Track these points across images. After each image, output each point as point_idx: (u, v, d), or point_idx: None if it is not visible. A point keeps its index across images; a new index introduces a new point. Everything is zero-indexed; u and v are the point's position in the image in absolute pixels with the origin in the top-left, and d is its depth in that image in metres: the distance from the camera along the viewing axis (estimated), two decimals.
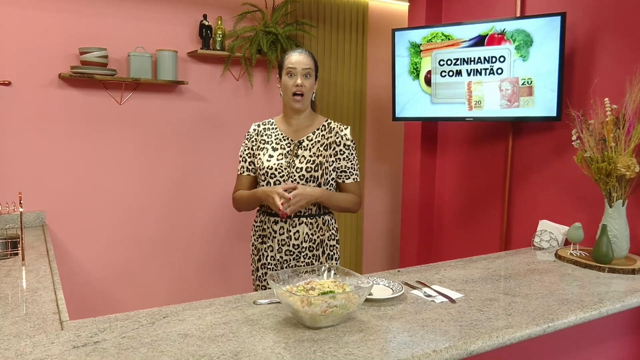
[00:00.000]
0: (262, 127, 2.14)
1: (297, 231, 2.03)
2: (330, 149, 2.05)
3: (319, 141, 2.05)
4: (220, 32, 3.11)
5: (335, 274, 1.58)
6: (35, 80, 2.73)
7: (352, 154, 2.08)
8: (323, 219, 2.08)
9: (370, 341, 1.31)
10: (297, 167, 2.01)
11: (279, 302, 1.53)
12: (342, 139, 2.06)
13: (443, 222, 3.38)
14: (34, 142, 2.75)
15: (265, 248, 2.09)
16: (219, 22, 3.12)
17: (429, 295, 1.68)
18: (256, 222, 2.15)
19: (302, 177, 2.00)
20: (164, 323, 1.40)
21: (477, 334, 1.38)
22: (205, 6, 3.13)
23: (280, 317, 1.45)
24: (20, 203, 2.07)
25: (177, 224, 3.19)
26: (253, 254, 2.16)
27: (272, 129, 2.12)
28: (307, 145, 2.05)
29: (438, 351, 1.27)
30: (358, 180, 2.11)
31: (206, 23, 3.06)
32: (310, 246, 2.05)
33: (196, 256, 3.27)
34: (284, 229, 2.04)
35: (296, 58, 2.01)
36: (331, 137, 2.06)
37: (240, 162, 2.15)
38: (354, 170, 2.09)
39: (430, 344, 1.30)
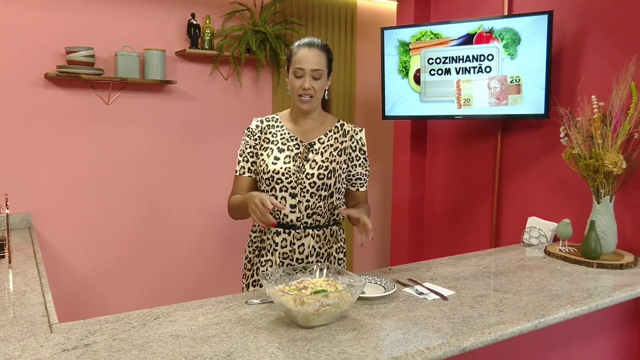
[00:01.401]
0: (265, 123, 1.88)
1: (302, 244, 1.82)
2: (344, 154, 1.85)
3: (332, 145, 1.84)
4: (208, 31, 3.09)
5: (327, 272, 1.58)
6: (20, 80, 2.69)
7: (366, 159, 1.89)
8: (331, 229, 1.88)
9: (364, 339, 1.31)
10: (308, 173, 1.79)
11: (271, 301, 1.52)
12: (357, 143, 1.87)
13: (433, 220, 3.39)
14: (19, 143, 2.71)
15: (262, 261, 1.86)
16: (207, 21, 3.10)
17: (421, 293, 1.69)
18: (254, 232, 1.92)
19: (312, 185, 1.78)
20: (155, 324, 1.39)
21: (469, 331, 1.38)
22: (193, 5, 3.11)
23: (273, 316, 1.45)
24: (6, 205, 2.04)
25: (166, 225, 3.16)
26: (246, 268, 1.93)
27: (277, 126, 1.87)
28: (319, 148, 1.83)
29: (431, 348, 1.27)
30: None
31: (194, 22, 3.04)
32: (316, 260, 1.84)
33: (186, 256, 3.25)
34: (286, 241, 1.82)
35: (305, 56, 1.75)
36: (346, 141, 1.86)
37: (239, 161, 1.88)
38: (367, 178, 1.92)
39: (423, 341, 1.31)
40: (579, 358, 2.02)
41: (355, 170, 1.88)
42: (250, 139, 1.87)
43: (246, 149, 1.87)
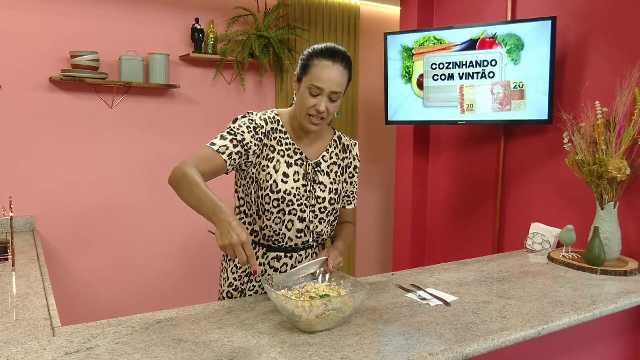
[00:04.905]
0: (269, 125, 1.60)
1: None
2: (345, 172, 1.73)
3: (335, 162, 1.69)
4: (212, 36, 3.11)
5: (330, 277, 1.57)
6: (25, 84, 2.70)
7: (357, 175, 1.77)
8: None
9: (366, 345, 1.30)
10: (319, 197, 1.62)
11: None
12: (353, 159, 1.76)
13: (436, 225, 3.39)
14: (23, 146, 2.72)
15: (250, 287, 1.69)
16: (211, 25, 3.12)
17: (424, 298, 1.68)
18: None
19: (323, 210, 1.63)
20: (157, 328, 1.39)
21: (472, 337, 1.38)
22: (197, 9, 3.12)
23: (276, 321, 1.44)
24: (10, 207, 2.04)
25: (169, 228, 3.16)
26: (226, 296, 1.72)
27: (280, 131, 1.62)
28: (325, 168, 1.66)
29: (434, 354, 1.27)
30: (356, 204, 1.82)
31: (198, 26, 3.06)
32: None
33: (189, 261, 3.25)
34: (287, 265, 1.66)
35: (326, 73, 1.49)
36: (346, 157, 1.73)
37: (225, 137, 1.53)
38: (356, 194, 1.80)
39: (426, 347, 1.30)
40: None
41: (347, 187, 1.75)
42: (253, 131, 1.56)
43: (243, 137, 1.54)
